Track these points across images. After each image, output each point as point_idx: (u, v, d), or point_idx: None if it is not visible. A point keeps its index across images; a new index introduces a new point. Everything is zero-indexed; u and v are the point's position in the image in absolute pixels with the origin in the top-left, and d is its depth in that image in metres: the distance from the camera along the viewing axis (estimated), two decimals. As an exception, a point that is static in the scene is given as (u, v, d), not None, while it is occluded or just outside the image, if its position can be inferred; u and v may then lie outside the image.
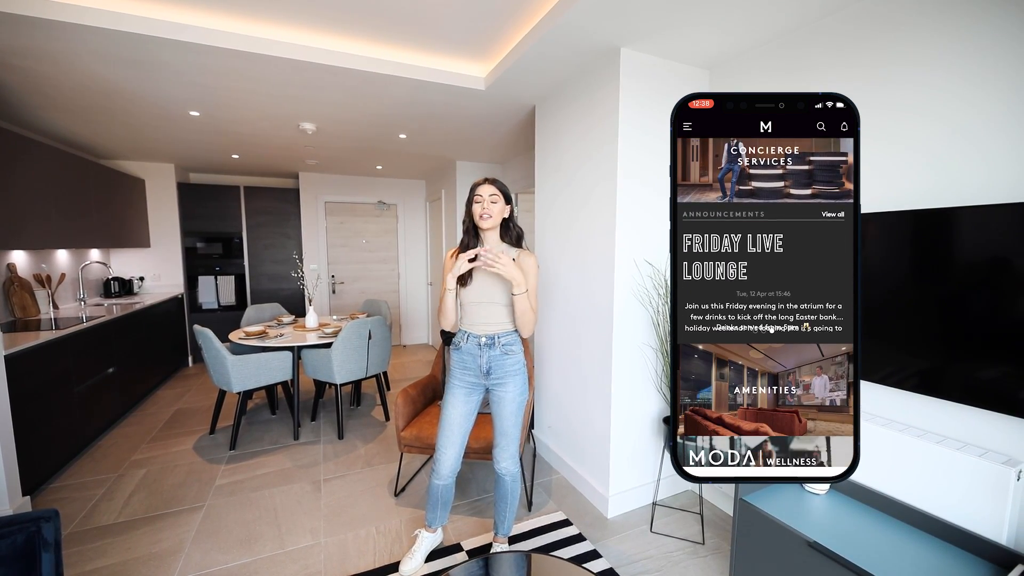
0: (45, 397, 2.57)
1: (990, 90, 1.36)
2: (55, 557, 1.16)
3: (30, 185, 2.98)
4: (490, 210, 1.73)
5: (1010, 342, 1.27)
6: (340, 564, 1.97)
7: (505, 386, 1.81)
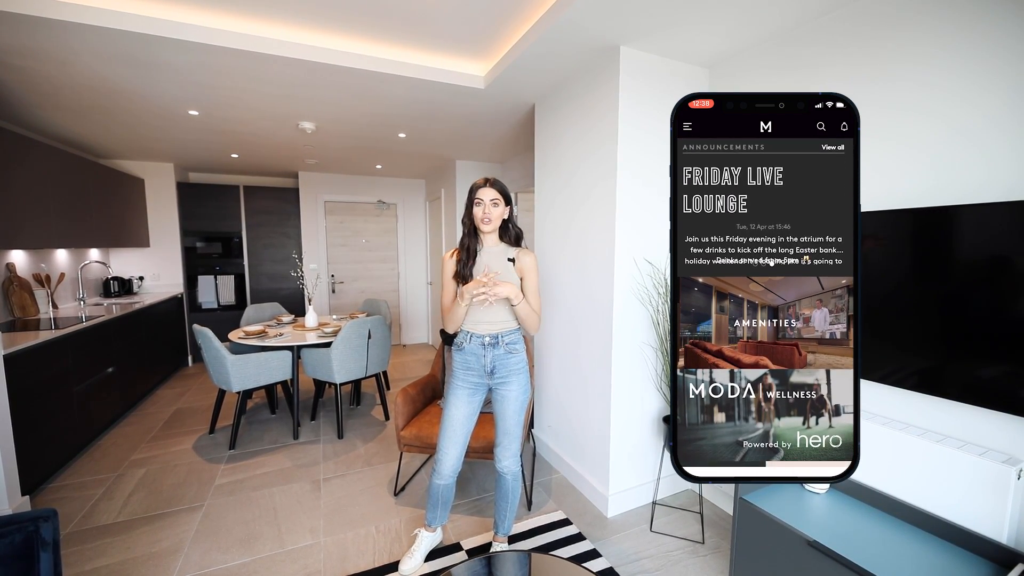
0: (44, 397, 2.56)
1: (990, 88, 1.36)
2: (53, 557, 1.15)
3: (29, 185, 2.98)
4: (491, 214, 1.73)
5: (1010, 340, 1.27)
6: (340, 563, 1.97)
7: (509, 385, 1.81)
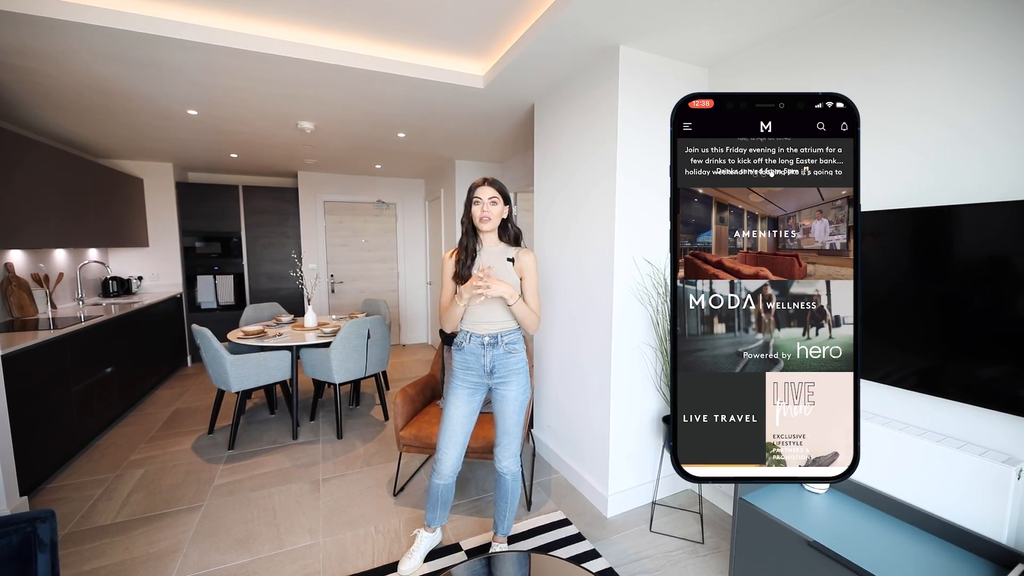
0: (43, 397, 2.56)
1: (990, 88, 1.36)
2: (51, 558, 1.15)
3: (28, 184, 2.97)
4: (489, 212, 1.73)
5: (1010, 340, 1.27)
6: (339, 564, 1.97)
7: (508, 385, 1.81)
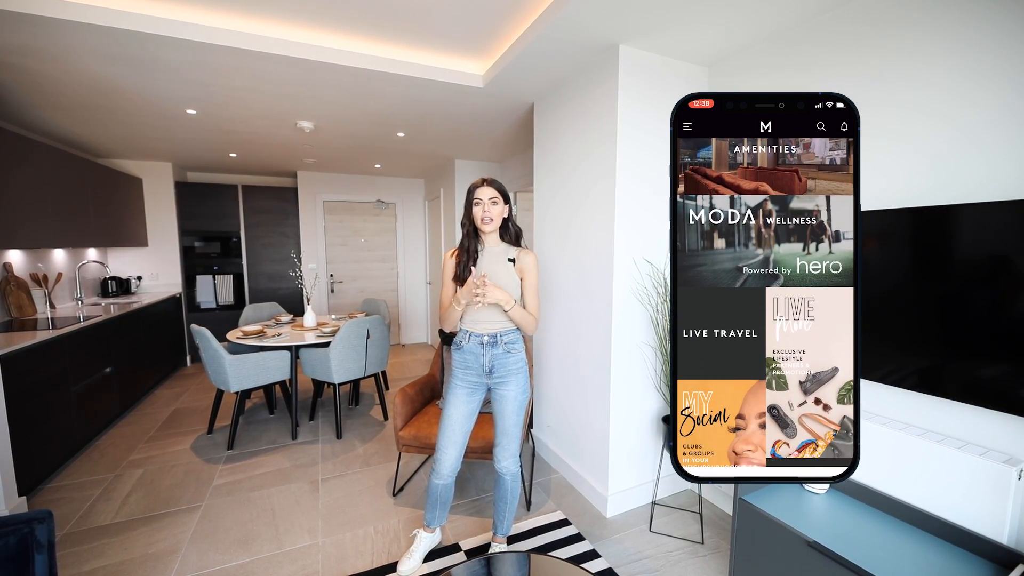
0: (42, 397, 2.55)
1: (989, 87, 1.35)
2: (48, 559, 1.14)
3: (27, 184, 2.97)
4: (491, 213, 1.72)
5: (1010, 340, 1.27)
6: (338, 564, 1.96)
7: (507, 385, 1.81)
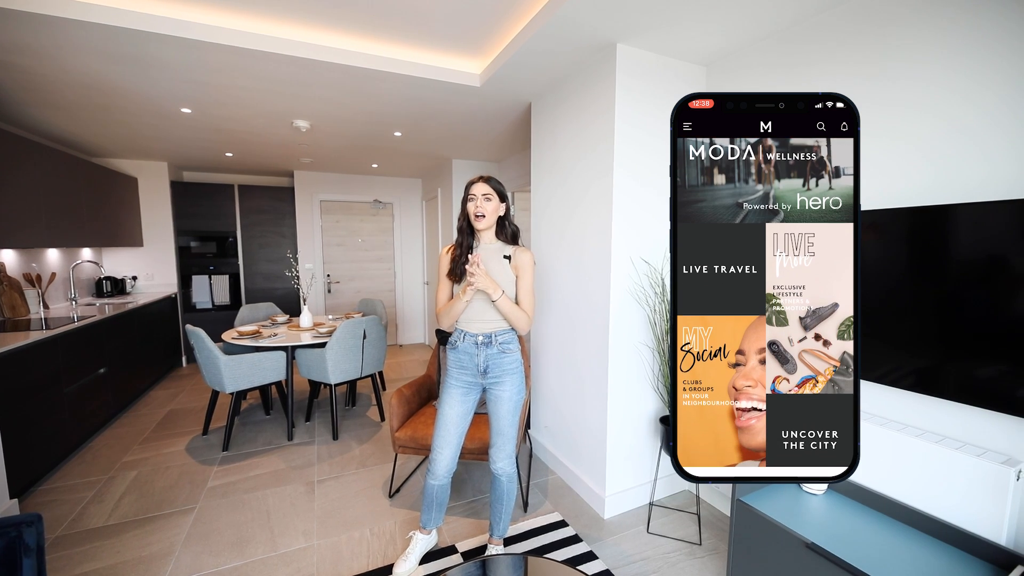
0: (34, 398, 2.53)
1: (989, 86, 1.35)
2: (37, 563, 1.13)
3: (20, 183, 2.94)
4: (484, 208, 1.71)
5: (1008, 340, 1.26)
6: (333, 566, 1.95)
7: (502, 385, 1.79)
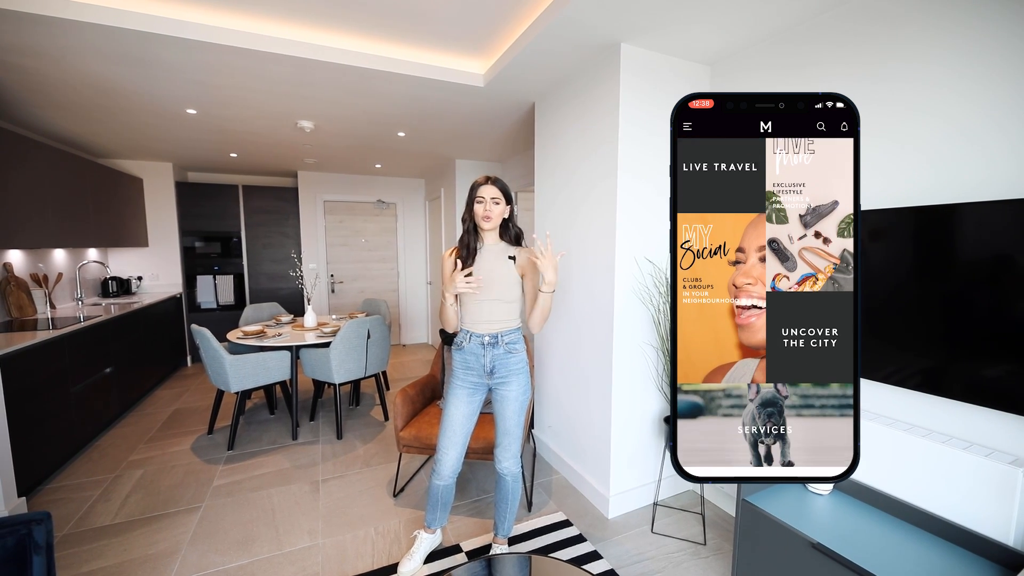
0: (41, 397, 2.55)
1: (990, 86, 1.35)
2: (46, 560, 1.14)
3: (27, 184, 2.96)
4: (491, 212, 1.72)
5: (1014, 339, 1.26)
6: (338, 565, 1.96)
7: (509, 385, 1.80)
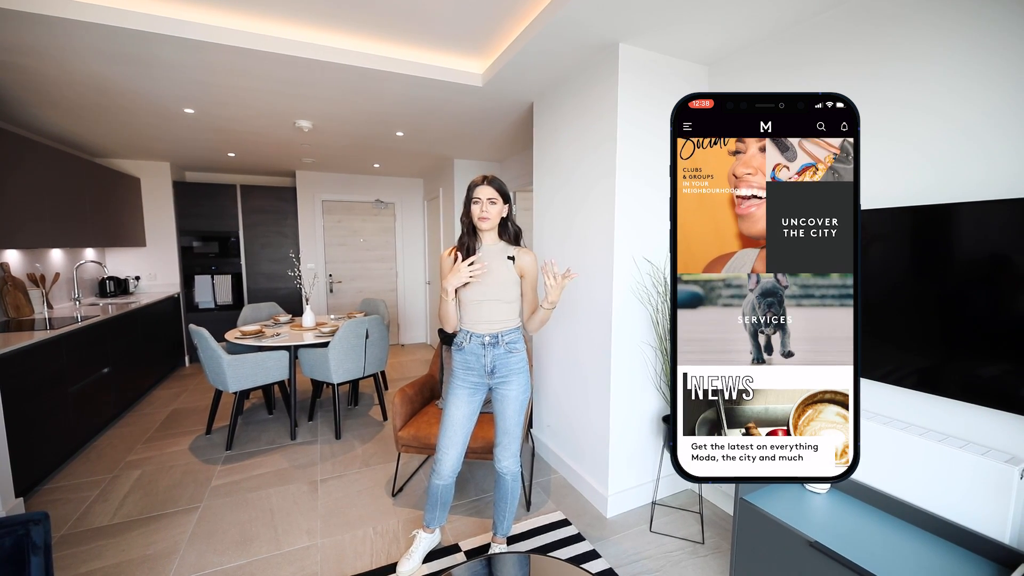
0: (39, 397, 2.54)
1: (989, 86, 1.35)
2: (44, 561, 1.13)
3: (24, 184, 2.95)
4: (488, 212, 1.71)
5: (1011, 339, 1.26)
6: (337, 565, 1.95)
7: (509, 384, 1.80)
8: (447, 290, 1.67)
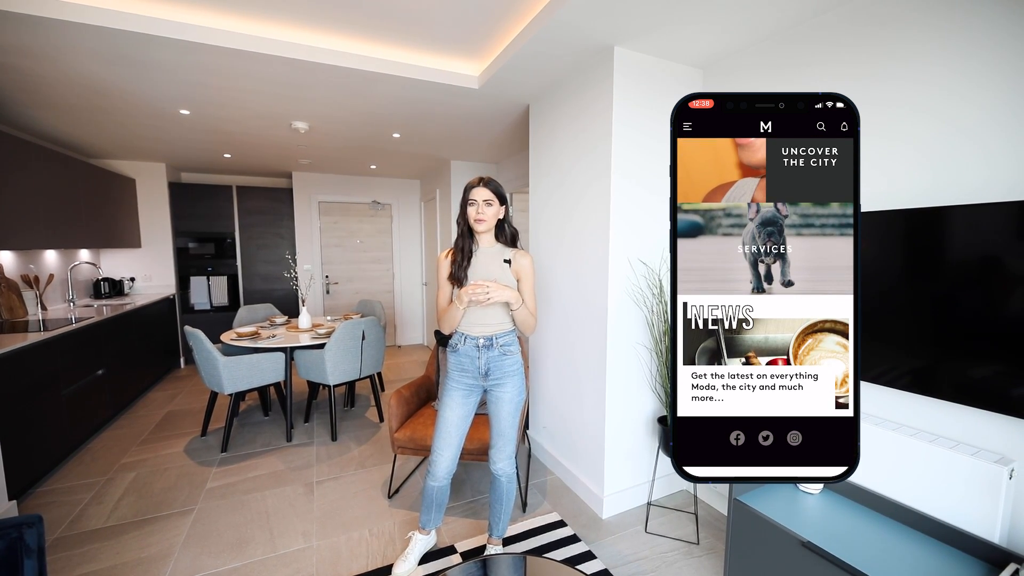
0: (33, 400, 2.53)
1: (988, 87, 1.36)
2: (38, 564, 1.13)
3: (18, 185, 2.94)
4: (484, 214, 1.72)
5: (1002, 340, 1.28)
6: (332, 567, 1.95)
7: (503, 387, 1.80)
8: (462, 299, 1.68)
